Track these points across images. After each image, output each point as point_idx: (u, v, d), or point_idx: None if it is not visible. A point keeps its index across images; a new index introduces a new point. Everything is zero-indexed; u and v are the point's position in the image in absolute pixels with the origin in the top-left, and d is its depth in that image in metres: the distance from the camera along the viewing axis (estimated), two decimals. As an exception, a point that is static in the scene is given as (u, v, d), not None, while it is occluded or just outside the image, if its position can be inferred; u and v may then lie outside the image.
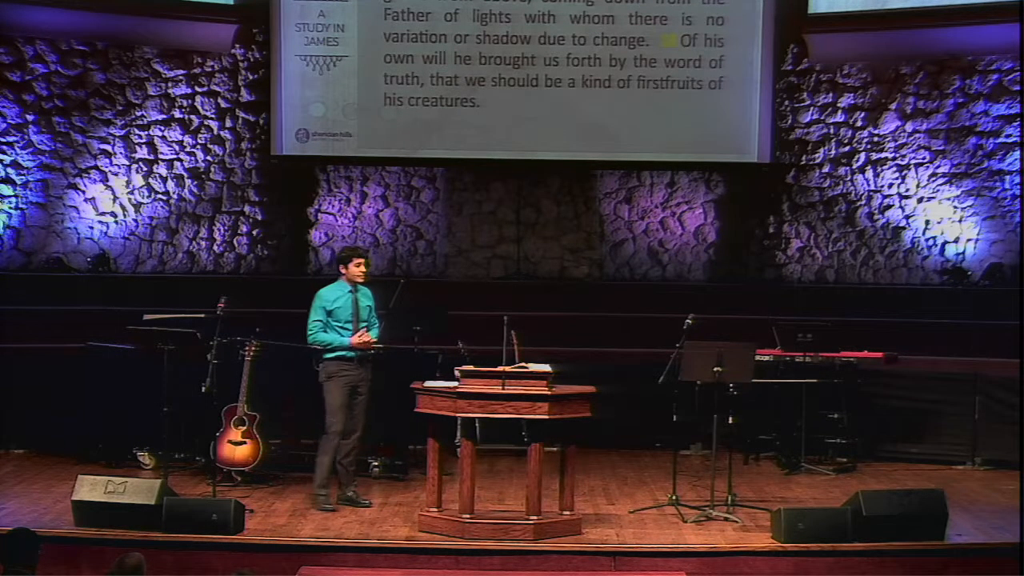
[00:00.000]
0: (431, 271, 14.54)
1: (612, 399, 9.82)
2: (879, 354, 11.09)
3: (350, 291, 9.46)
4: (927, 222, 14.18)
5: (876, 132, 14.29)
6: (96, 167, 14.26)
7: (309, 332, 9.41)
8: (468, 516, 8.38)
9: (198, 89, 14.41)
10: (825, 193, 14.42)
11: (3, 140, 14.00)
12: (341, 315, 9.40)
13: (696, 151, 14.26)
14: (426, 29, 14.04)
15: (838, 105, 14.37)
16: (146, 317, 10.38)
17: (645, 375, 9.95)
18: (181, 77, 14.38)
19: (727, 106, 14.09)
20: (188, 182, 14.43)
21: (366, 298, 9.55)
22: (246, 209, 14.52)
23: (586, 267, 14.59)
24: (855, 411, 11.15)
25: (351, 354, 9.34)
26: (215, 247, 14.48)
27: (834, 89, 14.39)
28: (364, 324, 9.43)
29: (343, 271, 9.52)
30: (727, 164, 14.36)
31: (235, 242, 14.52)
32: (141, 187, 14.34)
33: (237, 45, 14.45)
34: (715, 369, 9.09)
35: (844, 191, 14.38)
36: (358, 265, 9.47)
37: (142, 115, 14.31)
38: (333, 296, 9.47)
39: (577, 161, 14.38)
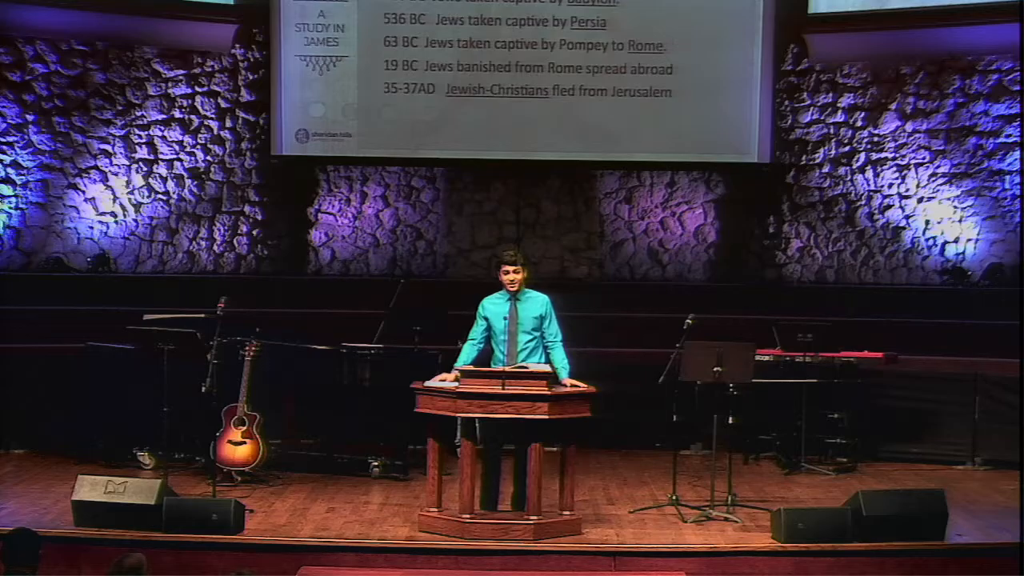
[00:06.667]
0: (431, 271, 14.54)
1: (612, 399, 9.80)
2: (879, 354, 11.09)
3: (508, 299, 8.72)
4: (927, 222, 14.19)
5: (876, 132, 14.29)
6: (96, 167, 14.26)
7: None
8: (468, 516, 8.38)
9: (198, 89, 14.41)
10: (825, 193, 14.43)
11: (3, 140, 14.00)
12: (496, 326, 8.67)
13: (696, 151, 14.26)
14: (426, 29, 14.03)
15: (838, 105, 14.37)
16: (146, 317, 10.38)
17: (645, 375, 9.94)
18: (181, 77, 14.38)
19: (727, 106, 14.09)
20: (188, 182, 14.43)
21: (536, 307, 8.70)
22: (246, 209, 14.52)
23: (586, 267, 14.59)
24: (855, 411, 11.15)
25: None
26: (215, 247, 14.48)
27: (834, 89, 14.39)
28: (529, 339, 8.65)
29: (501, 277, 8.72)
30: (727, 164, 14.35)
31: (235, 242, 14.52)
32: (141, 187, 14.34)
33: (237, 45, 14.45)
34: (715, 369, 9.09)
35: (844, 191, 14.38)
36: (505, 272, 8.67)
37: (142, 115, 14.31)
38: (490, 304, 8.74)
39: (577, 161, 14.38)
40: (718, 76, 14.04)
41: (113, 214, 14.31)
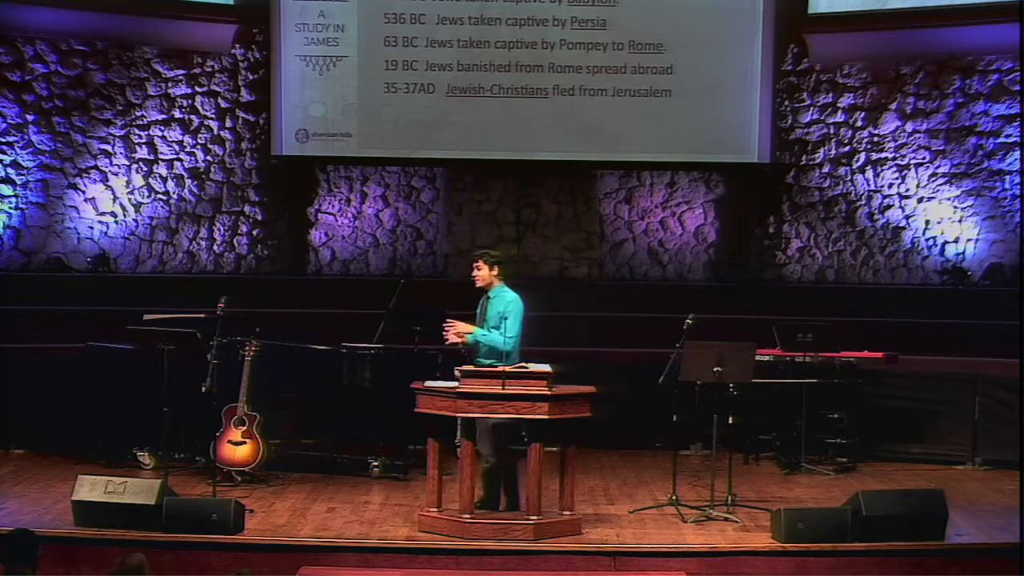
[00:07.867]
0: (431, 271, 14.54)
1: (612, 399, 9.80)
2: (879, 354, 11.09)
3: (484, 297, 8.94)
4: (927, 222, 14.19)
5: (876, 132, 14.30)
6: (96, 167, 14.26)
7: None
8: (468, 516, 8.38)
9: (198, 89, 14.41)
10: (825, 193, 14.43)
11: (3, 140, 14.01)
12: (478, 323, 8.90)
13: (696, 151, 14.26)
14: (426, 29, 14.04)
15: (838, 105, 14.38)
16: (146, 317, 10.38)
17: (645, 375, 9.94)
18: (181, 77, 14.38)
19: (727, 106, 14.09)
20: (188, 182, 14.43)
21: (500, 304, 8.81)
22: (246, 209, 14.52)
23: (586, 267, 14.59)
24: (855, 411, 11.15)
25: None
26: (215, 247, 14.49)
27: (834, 89, 14.39)
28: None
29: None
30: (727, 164, 14.36)
31: (235, 242, 14.52)
32: (141, 187, 14.35)
33: (237, 45, 14.45)
34: (715, 369, 9.09)
35: (844, 191, 14.38)
36: (472, 269, 8.98)
37: (142, 115, 14.32)
38: (481, 303, 8.98)
39: (577, 161, 14.38)
40: (718, 76, 14.04)
41: (113, 214, 14.31)
